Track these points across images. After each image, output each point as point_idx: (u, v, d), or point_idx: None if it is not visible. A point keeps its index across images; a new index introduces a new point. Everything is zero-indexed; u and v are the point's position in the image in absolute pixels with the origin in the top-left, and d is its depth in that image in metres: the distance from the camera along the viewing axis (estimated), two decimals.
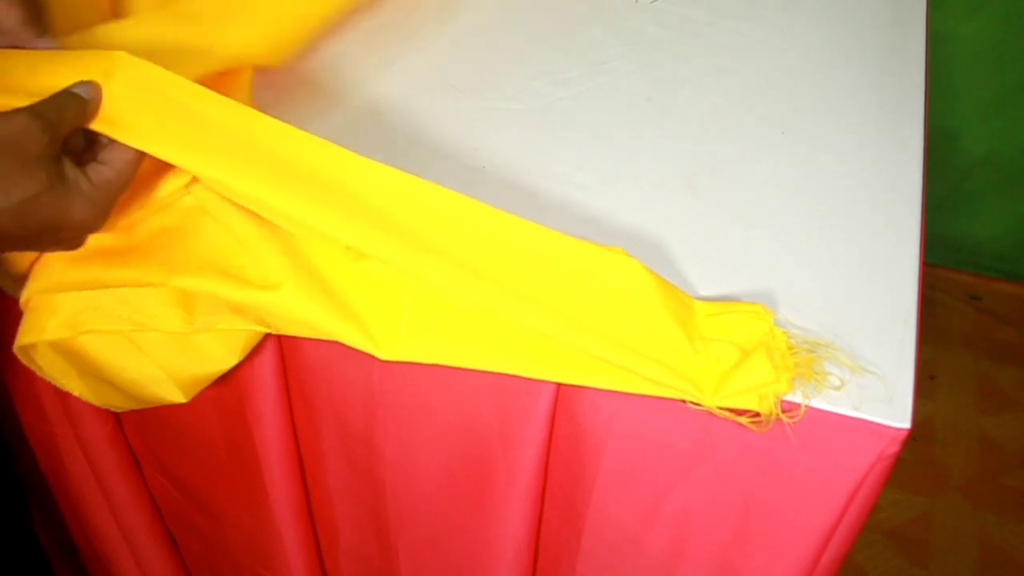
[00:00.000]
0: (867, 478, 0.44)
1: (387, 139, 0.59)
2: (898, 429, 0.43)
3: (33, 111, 0.40)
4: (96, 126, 0.43)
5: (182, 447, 0.69)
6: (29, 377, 0.53)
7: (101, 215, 0.43)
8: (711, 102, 0.63)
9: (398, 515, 0.62)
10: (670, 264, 0.51)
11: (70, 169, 0.41)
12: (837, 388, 0.44)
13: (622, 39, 0.69)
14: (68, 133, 0.41)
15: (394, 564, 0.66)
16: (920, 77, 0.65)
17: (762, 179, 0.57)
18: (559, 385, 0.49)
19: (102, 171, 0.42)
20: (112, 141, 0.43)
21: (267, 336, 0.54)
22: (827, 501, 0.46)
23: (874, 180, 0.57)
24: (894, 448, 0.43)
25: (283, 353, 0.56)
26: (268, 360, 0.56)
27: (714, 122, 0.61)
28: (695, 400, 0.43)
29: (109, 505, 0.75)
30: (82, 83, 0.42)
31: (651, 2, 0.72)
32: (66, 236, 0.43)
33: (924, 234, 0.54)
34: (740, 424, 0.43)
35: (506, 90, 0.63)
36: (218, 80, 0.55)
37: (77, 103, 0.42)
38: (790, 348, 0.44)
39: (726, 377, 0.43)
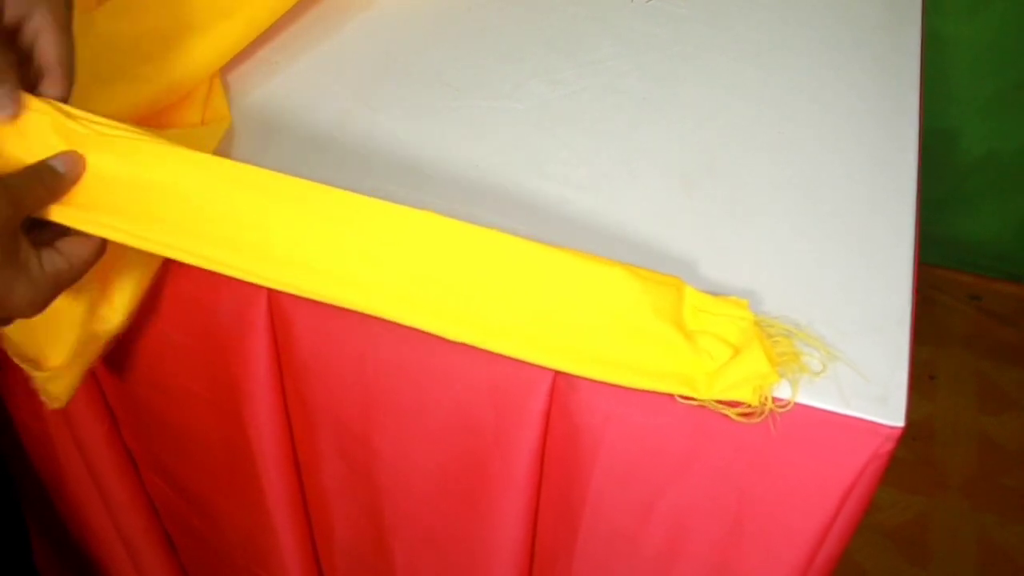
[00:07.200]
0: (862, 476, 0.44)
1: (382, 138, 0.59)
2: (892, 427, 0.43)
3: (1, 182, 0.37)
4: (58, 213, 0.40)
5: (179, 448, 0.69)
6: (24, 376, 0.53)
7: (40, 305, 0.39)
8: (707, 102, 0.63)
9: (394, 514, 0.62)
10: (664, 263, 0.51)
11: (25, 249, 0.38)
12: (818, 373, 0.44)
13: (618, 39, 0.69)
14: (34, 209, 0.38)
15: (390, 563, 0.66)
16: (915, 76, 0.65)
17: (757, 178, 0.57)
18: (554, 385, 0.49)
19: (56, 260, 0.39)
20: (73, 230, 0.40)
21: (261, 336, 0.54)
22: (822, 499, 0.46)
23: (869, 179, 0.57)
24: (889, 446, 0.43)
25: (278, 352, 0.56)
26: (263, 359, 0.56)
27: (709, 121, 0.61)
28: (685, 394, 0.43)
29: (106, 506, 0.75)
30: (61, 155, 0.39)
31: (646, 1, 0.72)
32: None
33: (919, 232, 0.54)
34: (732, 420, 0.43)
35: (502, 89, 0.63)
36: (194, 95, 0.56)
37: (51, 178, 0.38)
38: (772, 338, 0.44)
39: (720, 370, 0.43)
